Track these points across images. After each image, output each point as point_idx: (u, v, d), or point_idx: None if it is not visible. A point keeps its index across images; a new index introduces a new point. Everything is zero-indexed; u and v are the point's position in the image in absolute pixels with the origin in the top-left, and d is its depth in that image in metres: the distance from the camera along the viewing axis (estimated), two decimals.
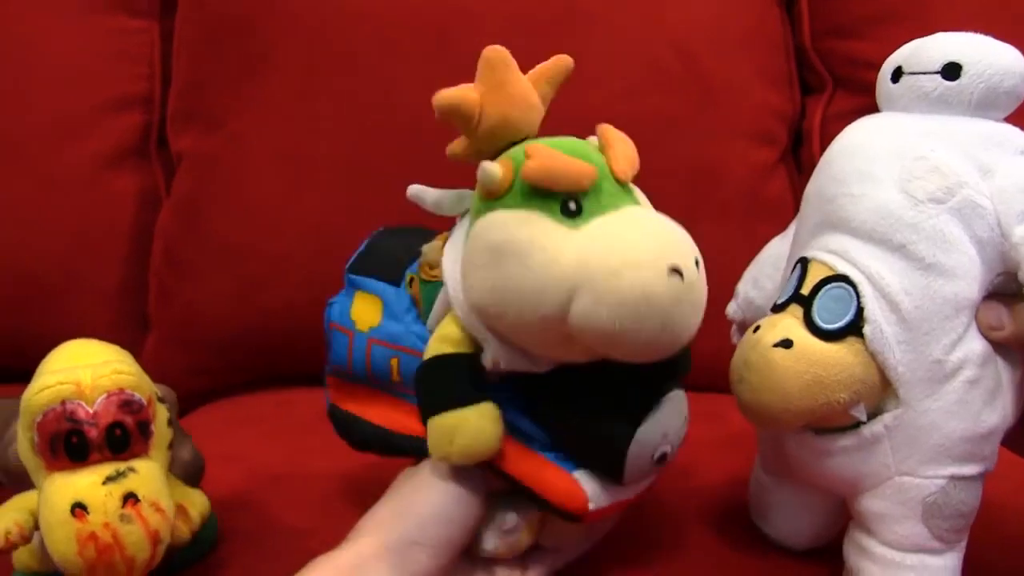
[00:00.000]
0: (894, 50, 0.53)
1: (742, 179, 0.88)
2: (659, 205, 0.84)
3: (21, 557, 0.56)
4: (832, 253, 0.50)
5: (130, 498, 0.51)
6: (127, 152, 0.96)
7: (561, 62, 0.51)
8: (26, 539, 0.52)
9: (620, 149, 0.48)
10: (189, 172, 0.93)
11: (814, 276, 0.50)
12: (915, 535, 0.49)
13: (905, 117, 0.51)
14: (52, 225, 0.92)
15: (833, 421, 0.50)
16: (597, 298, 0.43)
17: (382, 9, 0.88)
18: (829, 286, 0.49)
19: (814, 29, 0.94)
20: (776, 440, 0.55)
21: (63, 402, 0.51)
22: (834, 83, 0.93)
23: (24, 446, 0.52)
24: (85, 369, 0.52)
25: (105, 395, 0.52)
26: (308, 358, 0.86)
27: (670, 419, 0.50)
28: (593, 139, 0.50)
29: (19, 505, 0.53)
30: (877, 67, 0.54)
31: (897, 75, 0.52)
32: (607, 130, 0.50)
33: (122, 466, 0.52)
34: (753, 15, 0.92)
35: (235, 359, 0.90)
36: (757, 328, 0.50)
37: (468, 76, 0.55)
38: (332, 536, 0.51)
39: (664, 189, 0.84)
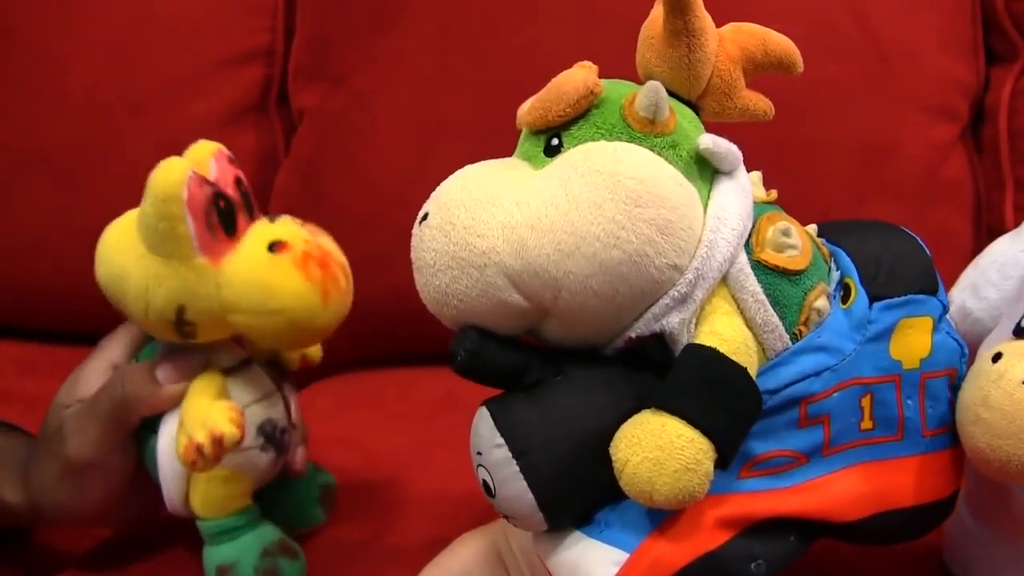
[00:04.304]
0: None
1: (917, 157, 0.82)
2: (826, 179, 0.80)
3: (207, 496, 0.52)
4: None
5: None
6: (246, 108, 0.93)
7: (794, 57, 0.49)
8: (241, 426, 0.49)
9: (538, 96, 0.46)
10: (311, 131, 0.91)
11: None
12: None
13: None
14: None
15: None
16: None
17: None
18: None
19: None
20: (1000, 486, 0.47)
21: (191, 171, 0.47)
22: None
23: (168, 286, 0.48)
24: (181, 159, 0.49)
25: (212, 160, 0.50)
26: (433, 336, 0.82)
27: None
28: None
29: (202, 405, 0.50)
30: None
31: None
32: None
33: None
34: None
35: (351, 335, 0.85)
36: (999, 356, 0.43)
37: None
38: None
39: (833, 163, 0.81)
